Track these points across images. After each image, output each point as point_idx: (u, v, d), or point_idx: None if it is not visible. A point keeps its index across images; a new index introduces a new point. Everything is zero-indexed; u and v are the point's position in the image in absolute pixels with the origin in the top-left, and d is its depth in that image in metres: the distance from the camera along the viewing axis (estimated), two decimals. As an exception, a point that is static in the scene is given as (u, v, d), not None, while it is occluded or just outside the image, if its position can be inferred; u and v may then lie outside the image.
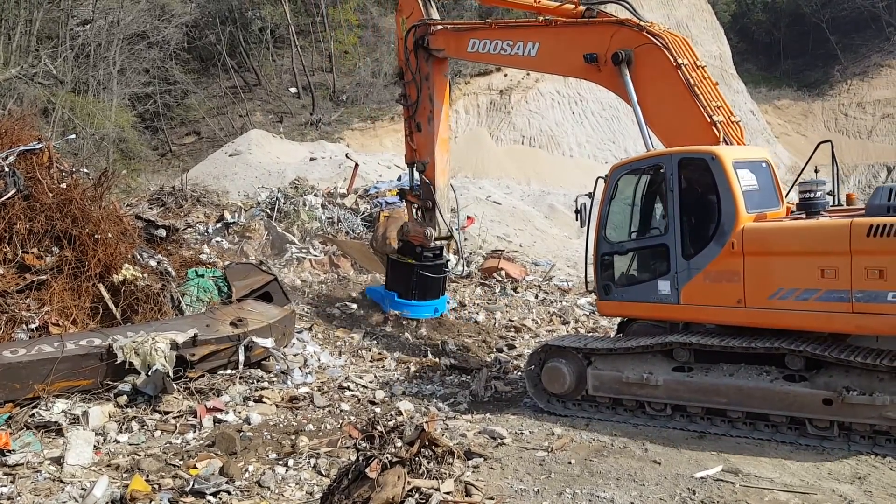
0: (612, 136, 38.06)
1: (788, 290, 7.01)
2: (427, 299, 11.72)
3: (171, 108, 35.40)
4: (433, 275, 11.61)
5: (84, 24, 27.19)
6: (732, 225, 7.29)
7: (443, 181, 11.50)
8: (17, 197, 9.37)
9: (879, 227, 6.54)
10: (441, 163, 11.42)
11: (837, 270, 6.73)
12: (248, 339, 8.92)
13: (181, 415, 7.89)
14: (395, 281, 11.91)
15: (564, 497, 5.92)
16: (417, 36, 11.07)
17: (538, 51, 9.66)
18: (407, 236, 11.72)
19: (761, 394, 6.99)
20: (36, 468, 6.64)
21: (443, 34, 10.95)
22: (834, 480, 6.12)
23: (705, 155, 7.57)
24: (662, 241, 7.83)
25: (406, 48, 11.28)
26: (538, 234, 20.99)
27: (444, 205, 11.55)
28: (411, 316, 11.77)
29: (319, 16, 39.36)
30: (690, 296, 7.59)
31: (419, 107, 11.33)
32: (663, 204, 7.91)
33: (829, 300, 6.80)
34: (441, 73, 11.38)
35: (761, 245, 7.20)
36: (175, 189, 19.62)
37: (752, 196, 7.48)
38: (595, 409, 8.02)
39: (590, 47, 8.95)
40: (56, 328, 8.69)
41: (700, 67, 8.50)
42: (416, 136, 11.55)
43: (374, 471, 5.19)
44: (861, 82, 49.70)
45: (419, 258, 11.49)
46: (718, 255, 7.38)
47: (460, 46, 10.69)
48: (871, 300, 6.61)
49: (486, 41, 10.26)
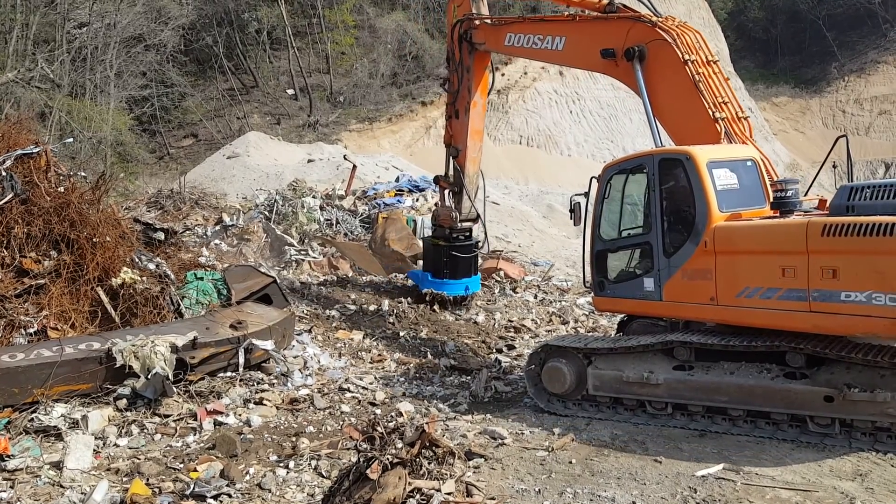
0: (610, 134, 38.09)
1: (754, 289, 7.09)
2: (458, 278, 12.41)
3: (168, 110, 35.39)
4: (463, 255, 12.31)
5: (80, 27, 27.15)
6: (705, 224, 7.39)
7: (472, 169, 12.22)
8: (15, 201, 9.35)
9: (834, 227, 6.56)
10: (472, 151, 12.12)
11: (796, 269, 6.79)
12: (247, 342, 8.90)
13: (181, 418, 7.87)
14: (429, 261, 12.72)
15: (565, 496, 5.91)
16: (463, 29, 11.55)
17: (564, 45, 9.87)
18: (437, 220, 12.61)
19: (762, 392, 6.99)
20: (35, 473, 6.61)
21: (483, 28, 11.38)
22: (835, 478, 6.11)
23: (681, 155, 7.68)
24: (647, 240, 7.97)
25: (452, 38, 11.80)
26: (537, 234, 20.99)
27: (472, 189, 12.30)
28: (444, 292, 12.47)
29: (316, 17, 39.36)
30: (671, 293, 7.71)
31: (459, 95, 11.91)
32: (647, 203, 8.02)
33: (789, 299, 6.86)
34: (482, 67, 11.88)
35: (730, 244, 7.27)
36: (173, 192, 19.64)
37: (729, 195, 7.53)
38: (596, 408, 8.01)
39: (607, 42, 9.04)
40: (55, 332, 8.66)
41: (712, 63, 8.54)
42: (453, 121, 12.19)
43: (375, 472, 5.18)
44: (858, 79, 49.79)
45: (449, 239, 12.24)
46: (694, 253, 7.49)
47: (499, 40, 11.08)
48: (826, 299, 6.64)
49: (520, 35, 10.62)
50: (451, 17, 11.96)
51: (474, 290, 12.85)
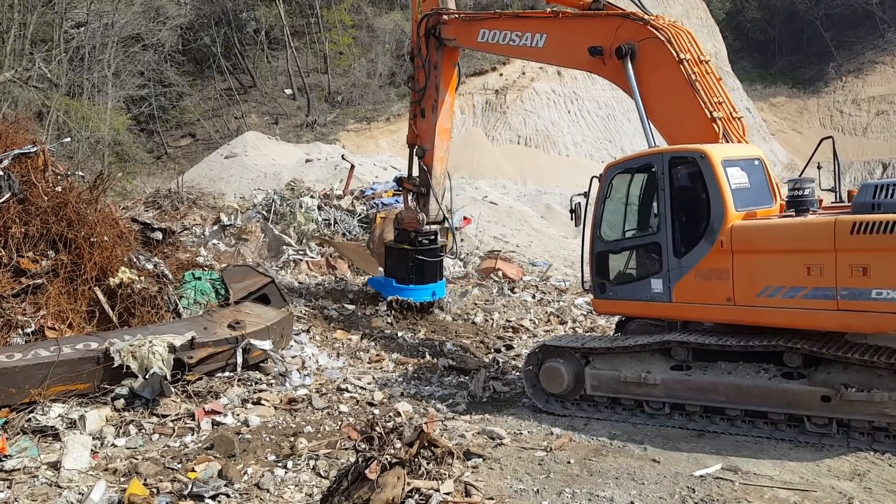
0: (608, 134, 38.12)
1: (776, 288, 7.03)
2: (425, 283, 12.00)
3: (166, 110, 35.35)
4: (429, 258, 11.90)
5: (78, 26, 27.09)
6: (721, 223, 7.31)
7: (440, 169, 11.74)
8: (12, 201, 9.34)
9: (863, 224, 6.55)
10: (440, 151, 11.63)
11: (823, 268, 6.75)
12: (245, 342, 8.89)
13: (179, 418, 7.86)
14: (393, 267, 12.25)
15: (564, 496, 5.91)
16: (430, 24, 11.18)
17: (545, 42, 9.67)
18: (402, 223, 12.07)
19: (760, 391, 7.00)
20: (33, 473, 6.59)
21: (454, 23, 11.03)
22: (833, 477, 6.12)
23: (694, 153, 7.59)
24: (655, 240, 7.86)
25: (419, 34, 11.42)
26: (535, 234, 20.99)
27: (440, 191, 11.80)
28: (410, 298, 12.03)
29: (314, 17, 39.36)
30: (682, 294, 7.62)
31: (426, 93, 11.50)
32: (656, 202, 7.92)
33: (815, 298, 6.82)
34: (450, 64, 11.49)
35: (749, 243, 7.22)
36: (171, 192, 19.62)
37: (742, 194, 7.49)
38: (594, 408, 8.01)
39: (595, 40, 8.91)
40: (52, 332, 8.64)
41: (704, 62, 8.46)
42: (419, 120, 11.76)
43: (374, 472, 5.18)
44: (856, 79, 49.89)
45: (415, 243, 11.79)
46: (708, 253, 7.40)
47: (470, 36, 10.77)
48: (855, 297, 6.62)
49: (495, 31, 10.30)
50: (417, 12, 11.58)
51: (440, 295, 12.45)
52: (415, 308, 12.17)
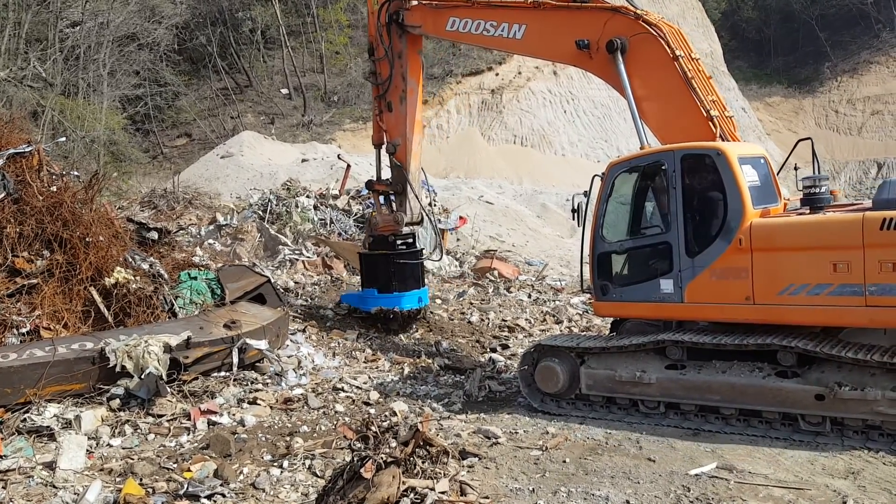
0: (604, 134, 38.14)
1: (800, 286, 6.96)
2: (409, 289, 11.24)
3: (162, 110, 35.30)
4: (411, 261, 11.23)
5: (73, 26, 27.04)
6: (739, 221, 7.23)
7: (415, 164, 11.07)
8: (7, 200, 9.33)
9: (892, 221, 6.53)
10: (413, 145, 10.97)
11: (850, 264, 6.70)
12: (241, 342, 8.89)
13: (175, 418, 7.85)
14: (371, 277, 11.43)
15: (559, 496, 5.92)
16: (391, 11, 10.60)
17: (524, 33, 9.30)
18: (377, 229, 11.34)
19: (754, 390, 7.01)
20: (28, 473, 6.58)
21: (419, 10, 10.44)
22: (828, 476, 6.14)
23: (710, 151, 7.48)
24: (664, 239, 7.71)
25: (378, 23, 10.84)
26: (531, 234, 21.03)
27: (417, 188, 11.14)
28: (397, 307, 11.18)
29: (310, 16, 39.34)
30: (695, 294, 7.50)
31: (391, 85, 10.89)
32: (665, 201, 7.76)
33: (842, 294, 6.77)
34: (415, 51, 10.89)
35: (770, 241, 7.13)
36: (167, 191, 19.62)
37: (755, 192, 7.43)
38: (589, 407, 8.02)
39: (581, 33, 8.66)
40: (47, 332, 8.63)
41: (694, 60, 8.32)
42: (386, 116, 11.08)
43: (369, 471, 5.18)
44: (851, 79, 50.01)
45: (394, 247, 11.09)
46: (725, 251, 7.29)
47: (438, 24, 10.16)
48: (885, 293, 6.59)
49: (467, 20, 9.78)
50: (372, 2, 10.90)
51: (426, 302, 11.68)
52: (400, 318, 11.37)
